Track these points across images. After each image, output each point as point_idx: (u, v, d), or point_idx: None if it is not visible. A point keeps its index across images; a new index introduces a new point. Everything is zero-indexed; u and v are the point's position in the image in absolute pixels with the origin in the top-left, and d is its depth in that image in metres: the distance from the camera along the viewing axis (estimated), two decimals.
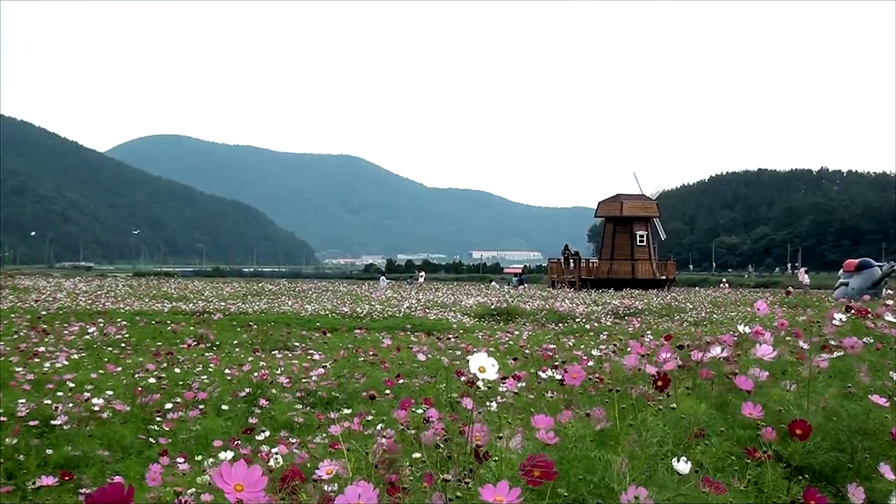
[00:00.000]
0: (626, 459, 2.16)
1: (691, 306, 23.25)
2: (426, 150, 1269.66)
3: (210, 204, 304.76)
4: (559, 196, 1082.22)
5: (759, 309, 3.55)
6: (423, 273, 53.39)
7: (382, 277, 50.87)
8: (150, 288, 32.07)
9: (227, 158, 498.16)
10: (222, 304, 22.32)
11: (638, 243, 47.23)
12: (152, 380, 7.72)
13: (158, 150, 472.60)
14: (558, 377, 4.15)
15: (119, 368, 8.54)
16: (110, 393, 6.94)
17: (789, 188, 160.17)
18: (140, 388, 7.24)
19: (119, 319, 15.75)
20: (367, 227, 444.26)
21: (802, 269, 29.83)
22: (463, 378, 5.17)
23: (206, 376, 8.39)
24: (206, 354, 10.83)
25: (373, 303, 23.26)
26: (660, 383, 2.65)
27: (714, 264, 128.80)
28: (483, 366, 2.09)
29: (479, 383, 2.13)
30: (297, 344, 13.03)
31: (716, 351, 3.18)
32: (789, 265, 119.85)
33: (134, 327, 14.61)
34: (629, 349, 4.21)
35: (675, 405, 2.71)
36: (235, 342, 13.19)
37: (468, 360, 2.03)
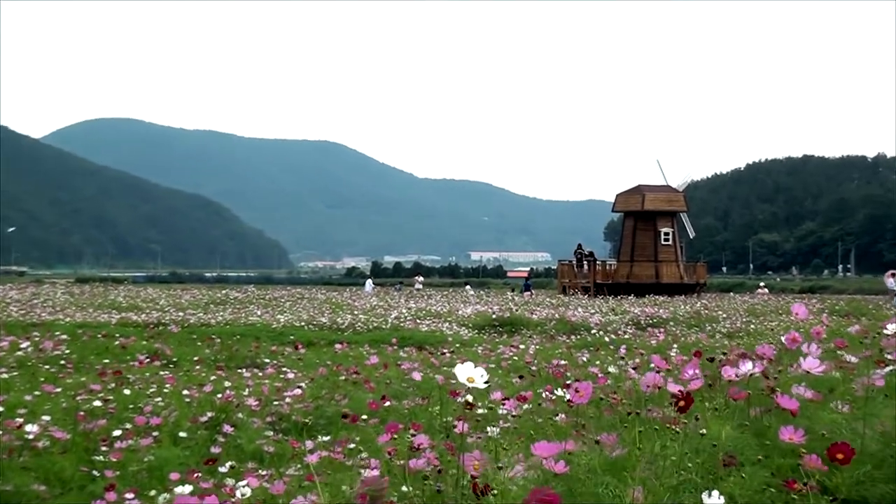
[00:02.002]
0: (643, 492, 2.16)
1: (724, 315, 23.25)
2: (417, 135, 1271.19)
3: (166, 198, 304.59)
4: (571, 188, 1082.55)
5: (796, 313, 3.55)
6: (420, 278, 52.99)
7: (368, 281, 51.13)
8: (94, 296, 32.01)
9: (186, 145, 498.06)
10: (180, 314, 22.29)
11: (662, 242, 47.27)
12: (97, 403, 7.70)
13: (105, 135, 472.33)
14: (569, 397, 4.16)
15: (58, 389, 8.51)
16: (47, 418, 6.91)
17: (840, 178, 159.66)
18: (83, 413, 7.22)
19: (58, 333, 15.70)
20: (349, 224, 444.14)
21: (889, 273, 29.59)
22: (459, 399, 5.17)
23: (160, 398, 8.37)
24: (161, 373, 10.81)
25: (356, 312, 23.24)
26: (682, 404, 2.65)
27: (751, 266, 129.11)
28: (472, 376, 2.12)
29: (476, 403, 2.14)
30: (267, 361, 13.01)
31: (747, 366, 3.18)
32: (840, 267, 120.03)
33: (76, 342, 14.57)
34: (651, 365, 4.21)
35: (703, 430, 2.71)
36: (195, 359, 13.16)
37: (456, 372, 2.04)
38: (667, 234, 47.42)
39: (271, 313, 23.33)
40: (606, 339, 16.65)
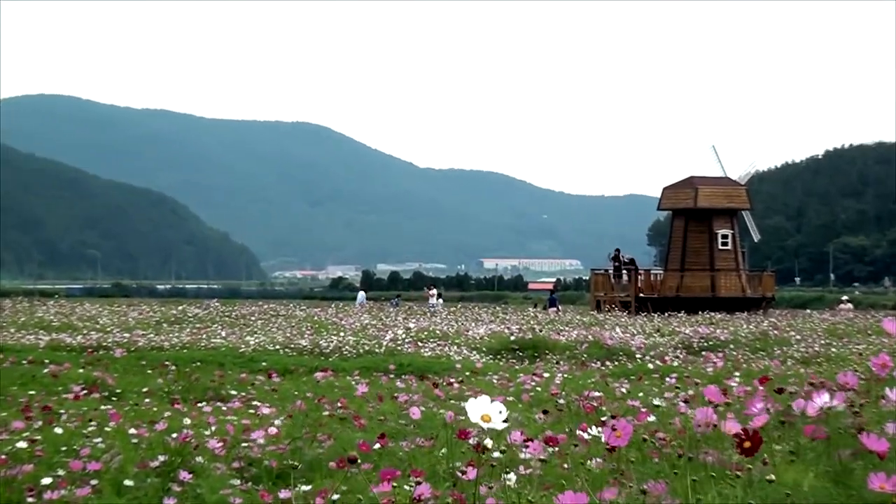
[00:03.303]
0: None
1: (798, 337, 23.21)
2: (418, 115, 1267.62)
3: (108, 193, 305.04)
4: (606, 180, 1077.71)
5: (888, 329, 3.53)
6: (434, 290, 52.78)
7: (360, 294, 51.40)
8: (17, 313, 32.01)
9: (133, 129, 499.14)
10: (126, 335, 22.30)
11: (720, 247, 47.25)
12: (22, 444, 7.69)
13: (31, 116, 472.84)
14: (604, 438, 4.15)
15: None
16: None
17: None
18: (4, 457, 7.22)
19: None
20: (334, 225, 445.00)
21: None
22: (471, 441, 5.16)
23: (100, 439, 8.36)
24: (102, 407, 10.80)
25: (343, 333, 23.23)
26: (747, 445, 2.64)
27: (832, 277, 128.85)
28: (487, 413, 2.09)
29: (492, 447, 2.13)
30: (234, 392, 13.01)
31: (826, 399, 3.16)
32: None
33: None
34: (706, 398, 4.19)
35: (771, 476, 2.70)
36: (145, 390, 13.16)
37: (467, 408, 2.02)
38: (725, 236, 47.41)
39: (239, 334, 23.31)
40: (651, 365, 16.62)
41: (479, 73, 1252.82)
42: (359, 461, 6.69)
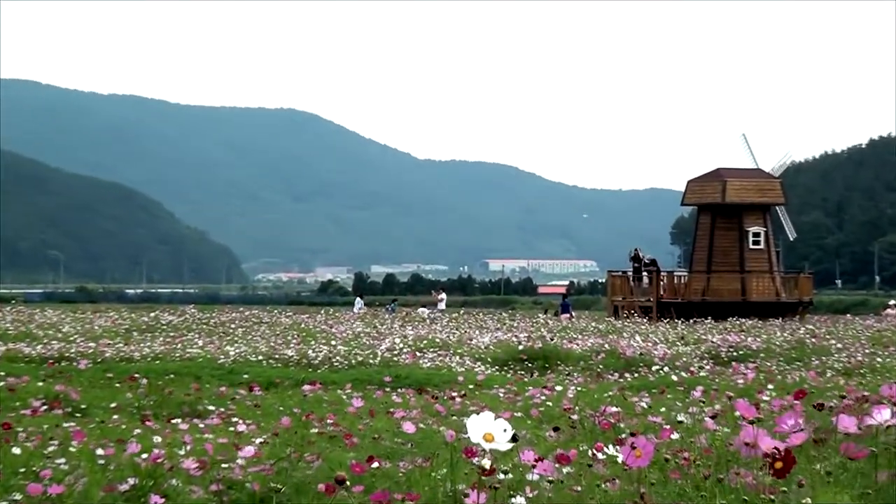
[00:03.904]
0: None
1: (839, 345, 23.20)
2: (416, 102, 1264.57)
3: (71, 188, 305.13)
4: (625, 173, 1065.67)
5: None
6: (443, 295, 52.95)
7: (358, 300, 51.69)
8: None
9: (100, 116, 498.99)
10: (91, 345, 22.31)
11: (751, 246, 47.25)
12: None
13: None
14: (622, 457, 4.15)
15: None
16: None
17: None
18: None
19: None
20: (323, 223, 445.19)
21: None
22: (475, 461, 5.16)
23: (63, 459, 8.36)
24: (65, 425, 10.80)
25: (334, 342, 23.25)
26: (779, 465, 2.64)
27: (877, 279, 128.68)
28: (490, 431, 2.07)
29: (495, 466, 2.12)
30: (212, 408, 13.01)
31: (883, 415, 3.14)
32: None
33: None
34: (737, 413, 4.19)
35: (807, 499, 2.70)
36: (112, 405, 13.16)
37: (469, 425, 2.01)
38: (757, 234, 47.41)
39: (217, 344, 23.32)
40: (674, 377, 16.60)
41: (483, 55, 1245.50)
42: (349, 483, 6.69)
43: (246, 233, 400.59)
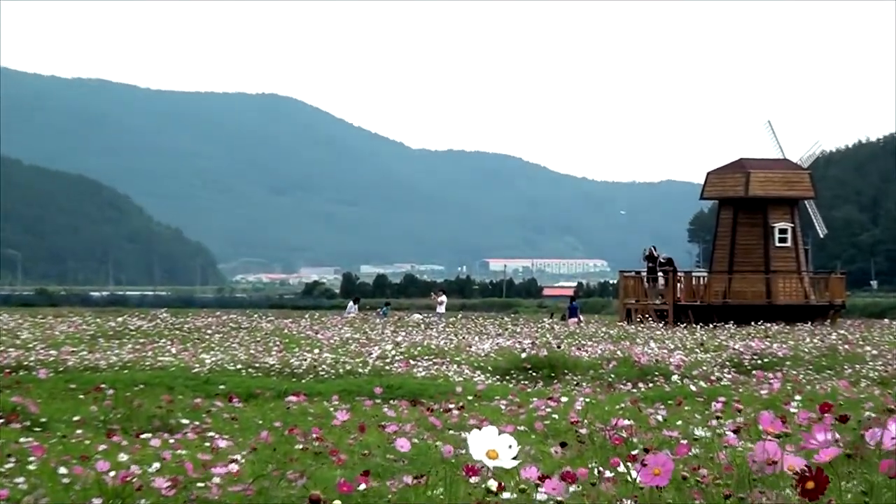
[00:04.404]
0: None
1: (874, 352, 23.20)
2: (410, 87, 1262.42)
3: (31, 180, 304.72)
4: (637, 164, 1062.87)
5: None
6: (443, 297, 53.04)
7: (351, 304, 51.90)
8: None
9: (62, 103, 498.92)
10: (52, 352, 22.25)
11: (777, 244, 47.28)
12: None
13: None
14: (638, 476, 4.15)
15: None
16: None
17: None
18: None
19: None
20: (307, 219, 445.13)
21: None
22: (474, 479, 5.15)
23: (22, 478, 8.35)
24: (23, 440, 10.78)
25: (319, 349, 23.23)
26: (809, 484, 2.63)
27: None
28: (493, 448, 2.07)
29: (500, 487, 2.12)
30: (185, 422, 13.01)
31: None
32: None
33: None
34: (760, 426, 4.18)
35: None
36: (76, 419, 13.15)
37: (469, 441, 2.01)
38: (784, 231, 47.45)
39: (192, 351, 23.29)
40: (693, 387, 16.61)
41: (483, 35, 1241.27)
42: None
43: (223, 230, 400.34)
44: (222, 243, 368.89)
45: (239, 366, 20.08)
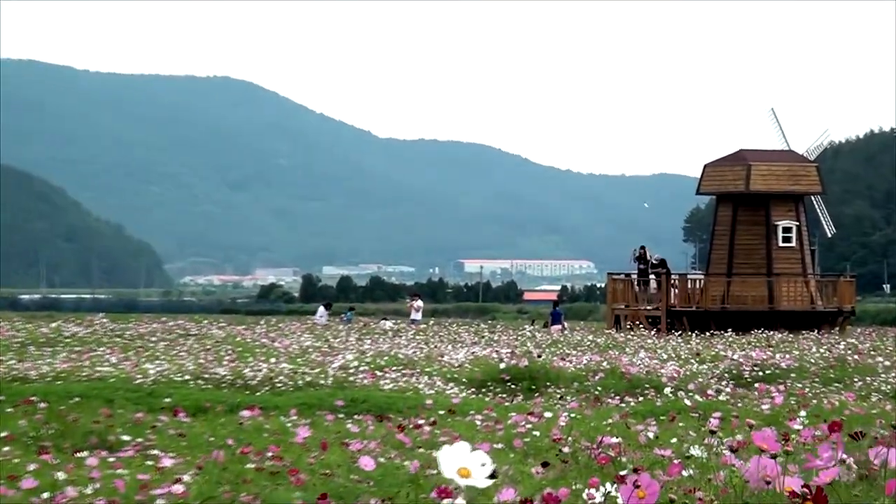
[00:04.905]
0: None
1: (887, 363, 23.29)
2: (377, 71, 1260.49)
3: None
4: (628, 156, 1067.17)
5: None
6: (419, 302, 53.08)
7: (322, 310, 51.89)
8: None
9: None
10: None
11: (781, 244, 47.42)
12: None
13: None
14: (622, 499, 4.19)
15: None
16: None
17: None
18: None
19: None
20: (264, 214, 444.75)
21: None
22: (446, 502, 5.16)
23: None
24: None
25: (276, 358, 23.21)
26: None
27: None
28: (465, 467, 2.07)
29: None
30: (127, 438, 12.96)
31: None
32: None
33: None
34: (757, 444, 4.19)
35: None
36: (3, 435, 13.09)
37: (440, 458, 2.01)
38: (788, 230, 47.59)
39: (134, 360, 23.22)
40: (687, 402, 16.66)
41: (455, 15, 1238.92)
42: None
43: (170, 227, 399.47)
44: (169, 242, 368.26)
45: (187, 377, 20.01)
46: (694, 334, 35.75)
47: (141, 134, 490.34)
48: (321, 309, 52.78)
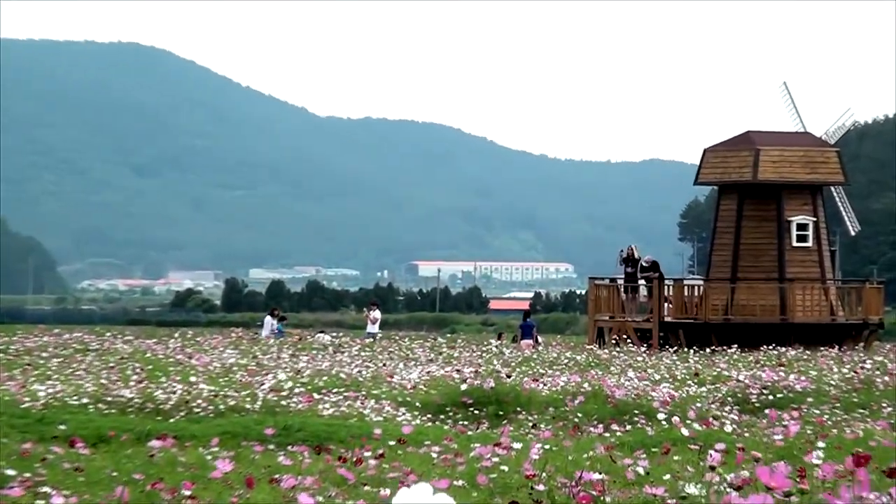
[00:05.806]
0: None
1: None
2: (315, 41, 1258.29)
3: None
4: (613, 139, 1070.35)
5: None
6: (376, 312, 53.10)
7: (268, 320, 51.62)
8: None
9: None
10: None
11: (795, 243, 47.62)
12: None
13: None
14: None
15: None
16: None
17: None
18: None
19: None
20: (179, 206, 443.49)
21: None
22: None
23: None
24: None
25: (194, 378, 23.20)
26: None
27: None
28: None
29: None
30: (11, 473, 12.94)
31: None
32: None
33: None
34: (766, 480, 4.22)
35: None
36: None
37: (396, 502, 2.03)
38: (803, 227, 47.79)
39: (21, 380, 23.16)
40: (684, 431, 16.70)
41: None
42: None
43: (65, 221, 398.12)
44: (64, 239, 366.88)
45: (85, 400, 19.97)
46: (692, 351, 35.86)
47: (30, 110, 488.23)
48: (267, 319, 52.06)
